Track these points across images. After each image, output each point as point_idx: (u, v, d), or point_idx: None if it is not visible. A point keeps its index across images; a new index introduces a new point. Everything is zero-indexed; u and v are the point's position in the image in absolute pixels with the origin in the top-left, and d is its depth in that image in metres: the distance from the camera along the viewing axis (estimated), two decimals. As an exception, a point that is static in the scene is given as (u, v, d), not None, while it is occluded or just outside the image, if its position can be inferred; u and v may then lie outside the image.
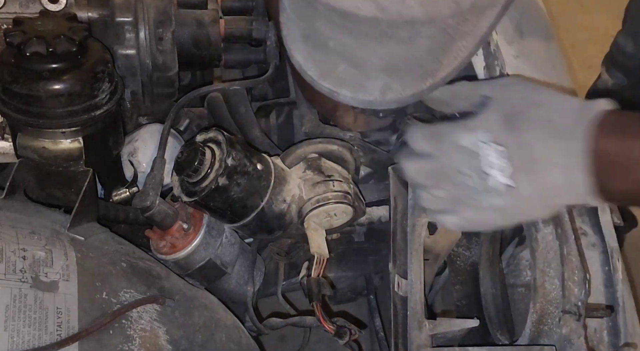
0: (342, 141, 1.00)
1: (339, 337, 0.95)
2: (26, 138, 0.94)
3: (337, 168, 0.98)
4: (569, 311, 0.85)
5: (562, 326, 0.85)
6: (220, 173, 0.87)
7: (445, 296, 1.10)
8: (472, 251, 1.05)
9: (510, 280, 1.02)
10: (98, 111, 0.94)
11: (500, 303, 0.98)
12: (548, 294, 0.86)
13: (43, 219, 0.87)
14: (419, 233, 0.88)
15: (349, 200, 0.95)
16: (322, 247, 0.96)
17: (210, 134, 0.92)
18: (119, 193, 1.06)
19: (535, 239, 0.89)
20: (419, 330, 0.83)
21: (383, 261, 1.19)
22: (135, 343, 0.79)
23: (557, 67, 1.10)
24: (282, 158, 0.98)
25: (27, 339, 0.72)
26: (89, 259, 0.83)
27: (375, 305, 1.23)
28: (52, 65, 0.89)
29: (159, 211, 0.92)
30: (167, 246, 0.96)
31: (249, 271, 1.04)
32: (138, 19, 1.03)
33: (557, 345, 0.84)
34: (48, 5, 0.99)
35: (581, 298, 0.85)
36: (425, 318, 0.84)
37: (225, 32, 1.11)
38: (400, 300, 0.90)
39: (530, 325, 0.86)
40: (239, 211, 0.92)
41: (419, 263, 0.87)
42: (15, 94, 0.90)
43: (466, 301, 1.02)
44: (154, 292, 0.86)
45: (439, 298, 1.13)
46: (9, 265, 0.76)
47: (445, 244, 0.96)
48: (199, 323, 0.89)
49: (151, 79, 1.06)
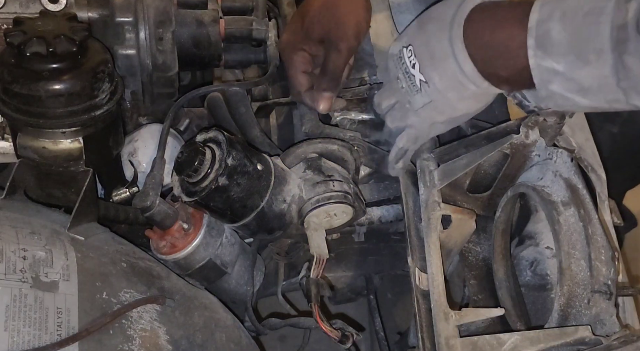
0: (342, 141, 1.00)
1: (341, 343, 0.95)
2: (26, 138, 0.94)
3: (337, 168, 0.98)
4: (599, 290, 0.84)
5: (592, 307, 0.84)
6: (221, 173, 0.87)
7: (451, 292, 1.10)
8: (482, 246, 1.05)
9: (510, 280, 1.02)
10: (98, 111, 0.94)
11: (515, 296, 0.98)
12: (575, 276, 0.85)
13: (43, 219, 0.87)
14: (434, 226, 0.89)
15: (349, 200, 0.95)
16: (322, 247, 0.96)
17: (210, 134, 0.92)
18: (119, 193, 1.06)
19: (557, 222, 0.88)
20: (445, 321, 0.83)
21: (383, 261, 1.19)
22: (136, 343, 0.79)
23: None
24: (282, 158, 0.98)
25: (27, 339, 0.72)
26: (89, 259, 0.83)
27: (375, 305, 1.22)
28: (52, 65, 0.88)
29: (159, 211, 0.92)
30: (167, 246, 0.96)
31: (249, 271, 1.04)
32: (138, 19, 1.02)
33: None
34: (48, 5, 0.99)
35: (611, 277, 0.85)
36: (450, 309, 0.84)
37: (225, 32, 1.11)
38: (422, 293, 0.89)
39: (558, 309, 0.85)
40: (239, 211, 0.92)
41: (438, 255, 0.87)
42: (15, 94, 0.90)
43: (482, 295, 1.02)
44: (154, 292, 0.86)
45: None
46: (9, 265, 0.76)
47: (459, 239, 0.97)
48: (199, 323, 0.89)
49: (151, 79, 1.06)
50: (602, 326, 0.84)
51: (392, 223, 1.10)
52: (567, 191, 0.90)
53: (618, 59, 0.67)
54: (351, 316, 1.39)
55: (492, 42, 0.76)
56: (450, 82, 0.81)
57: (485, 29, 0.77)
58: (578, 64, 0.70)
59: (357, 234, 1.11)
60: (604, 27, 0.68)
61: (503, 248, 1.01)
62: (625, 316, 0.90)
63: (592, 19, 0.69)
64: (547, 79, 0.73)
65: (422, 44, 0.83)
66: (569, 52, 0.70)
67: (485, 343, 0.82)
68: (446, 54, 0.80)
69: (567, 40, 0.70)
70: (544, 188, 0.92)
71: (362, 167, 1.04)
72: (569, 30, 0.70)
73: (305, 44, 1.01)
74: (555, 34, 0.71)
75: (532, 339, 0.82)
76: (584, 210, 0.89)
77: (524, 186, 0.95)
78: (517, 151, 0.94)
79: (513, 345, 0.81)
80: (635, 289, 0.89)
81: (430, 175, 0.93)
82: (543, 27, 0.72)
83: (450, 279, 1.09)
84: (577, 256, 0.86)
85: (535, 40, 0.73)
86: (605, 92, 0.70)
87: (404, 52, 0.86)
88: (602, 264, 0.85)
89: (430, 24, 0.83)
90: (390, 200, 1.08)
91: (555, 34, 0.71)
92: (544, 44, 0.72)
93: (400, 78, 0.87)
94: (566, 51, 0.71)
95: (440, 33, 0.81)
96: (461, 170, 0.91)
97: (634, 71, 0.67)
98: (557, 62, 0.71)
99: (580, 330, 0.82)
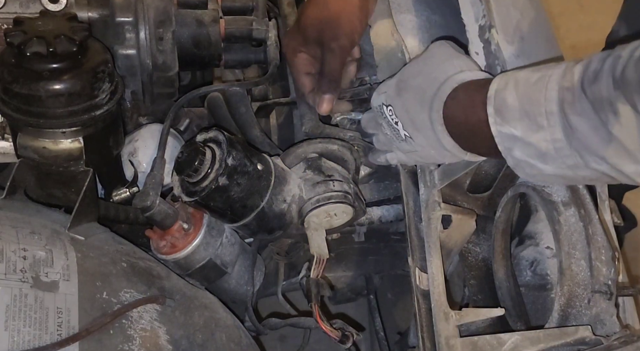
0: (342, 141, 1.00)
1: (342, 343, 0.95)
2: (26, 138, 0.94)
3: (337, 168, 0.98)
4: (599, 290, 0.84)
5: (592, 307, 0.84)
6: (221, 173, 0.87)
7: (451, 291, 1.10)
8: (481, 247, 1.05)
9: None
10: (98, 110, 0.94)
11: (515, 296, 0.98)
12: (575, 276, 0.85)
13: (43, 219, 0.87)
14: (434, 226, 0.90)
15: (349, 200, 0.95)
16: (322, 247, 0.96)
17: (210, 134, 0.92)
18: (119, 192, 1.06)
19: (558, 222, 0.88)
20: (445, 321, 0.83)
21: (383, 261, 1.19)
22: (136, 343, 0.79)
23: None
24: (282, 158, 0.98)
25: (27, 339, 0.72)
26: (89, 259, 0.83)
27: (375, 305, 1.23)
28: (52, 65, 0.88)
29: (159, 211, 0.92)
30: (168, 246, 0.96)
31: (249, 271, 1.04)
32: (138, 19, 1.02)
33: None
34: (48, 5, 0.99)
35: (611, 277, 0.85)
36: (450, 309, 0.84)
37: (225, 32, 1.11)
38: (422, 293, 0.90)
39: (559, 309, 0.85)
40: (239, 211, 0.92)
41: (438, 255, 0.88)
42: (15, 94, 0.90)
43: (482, 295, 1.02)
44: (154, 292, 0.86)
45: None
46: (9, 265, 0.76)
47: (459, 239, 0.97)
48: (199, 322, 0.89)
49: (151, 79, 1.06)
50: (603, 326, 0.84)
51: (392, 223, 1.10)
52: (567, 191, 0.90)
53: (565, 120, 0.70)
54: (351, 316, 1.39)
55: (466, 123, 0.80)
56: (433, 145, 0.85)
57: (460, 111, 0.80)
58: (532, 127, 0.72)
59: (357, 234, 1.11)
60: (552, 92, 0.71)
61: (503, 248, 1.01)
62: (625, 316, 0.90)
63: (541, 85, 0.72)
64: (509, 146, 0.76)
65: (402, 110, 0.86)
66: (523, 117, 0.73)
67: (486, 343, 0.82)
68: (427, 127, 0.83)
69: (520, 105, 0.73)
70: (544, 188, 0.92)
71: (362, 167, 1.04)
72: (521, 96, 0.73)
73: (303, 46, 1.02)
74: (510, 101, 0.74)
75: (532, 339, 0.82)
76: (584, 210, 0.89)
77: (524, 186, 0.95)
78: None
79: (513, 345, 0.81)
80: (635, 290, 0.90)
81: (431, 175, 0.94)
82: (500, 95, 0.75)
83: (450, 279, 1.09)
84: (577, 256, 0.86)
85: (494, 108, 0.75)
86: (563, 156, 0.72)
87: (384, 109, 0.89)
88: (602, 264, 0.86)
89: (410, 94, 0.86)
90: (390, 200, 1.08)
91: (510, 101, 0.74)
92: (502, 110, 0.75)
93: (385, 127, 0.90)
94: (520, 116, 0.73)
95: (420, 108, 0.84)
96: (461, 170, 0.92)
97: (580, 130, 0.69)
98: (515, 128, 0.74)
99: (581, 330, 0.82)
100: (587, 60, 0.70)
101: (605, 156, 0.68)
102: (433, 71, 0.84)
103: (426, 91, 0.83)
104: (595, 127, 0.67)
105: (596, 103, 0.67)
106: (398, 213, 1.08)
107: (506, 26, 1.02)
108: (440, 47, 0.88)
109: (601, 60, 0.68)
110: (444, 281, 0.86)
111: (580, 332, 0.82)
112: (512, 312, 0.96)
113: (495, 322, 0.93)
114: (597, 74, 0.67)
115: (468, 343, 0.82)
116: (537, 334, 0.82)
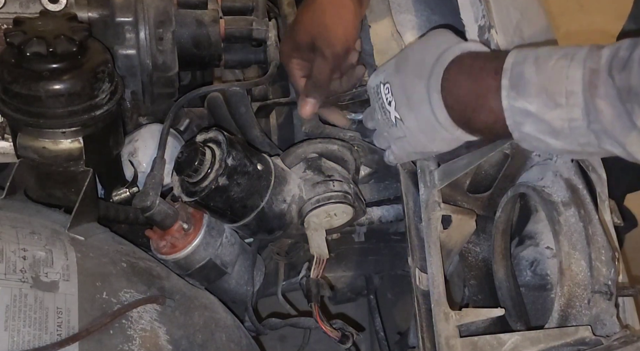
0: (342, 141, 1.00)
1: (341, 343, 0.95)
2: (26, 138, 0.94)
3: (337, 168, 0.98)
4: (599, 291, 0.84)
5: (592, 307, 0.84)
6: (221, 173, 0.87)
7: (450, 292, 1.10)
8: (481, 247, 1.05)
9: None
10: (98, 111, 0.94)
11: (515, 296, 0.98)
12: (575, 276, 0.85)
13: (43, 219, 0.87)
14: (434, 227, 0.89)
15: (349, 200, 0.95)
16: (322, 247, 0.96)
17: (210, 134, 0.92)
18: (119, 193, 1.06)
19: (558, 222, 0.88)
20: (445, 322, 0.83)
21: (383, 261, 1.19)
22: (136, 343, 0.79)
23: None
24: (282, 158, 0.98)
25: (27, 339, 0.72)
26: (89, 259, 0.83)
27: (375, 305, 1.23)
28: (52, 65, 0.88)
29: (159, 211, 0.92)
30: (167, 246, 0.96)
31: (249, 271, 1.04)
32: (138, 19, 1.02)
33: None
34: (48, 5, 0.99)
35: (611, 277, 0.85)
36: (450, 309, 0.84)
37: (225, 32, 1.11)
38: (422, 294, 0.89)
39: (558, 309, 0.85)
40: (239, 211, 0.92)
41: (438, 256, 0.87)
42: (15, 94, 0.89)
43: (482, 295, 1.02)
44: (154, 292, 0.86)
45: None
46: (9, 265, 0.76)
47: (459, 239, 0.97)
48: (199, 323, 0.89)
49: (151, 79, 1.06)
50: (603, 326, 0.84)
51: (392, 223, 1.10)
52: (567, 191, 0.90)
53: (589, 102, 0.69)
54: (351, 316, 1.39)
55: (468, 94, 0.78)
56: (424, 125, 0.83)
57: (462, 81, 0.78)
58: (549, 104, 0.71)
59: (357, 234, 1.11)
60: (576, 71, 0.70)
61: (503, 248, 1.01)
62: (625, 316, 0.90)
63: (564, 62, 0.71)
64: (520, 121, 0.74)
65: (399, 86, 0.85)
66: (540, 93, 0.72)
67: (486, 343, 0.82)
68: (422, 100, 0.82)
69: (540, 81, 0.72)
70: (544, 188, 0.92)
71: (362, 167, 1.04)
72: (541, 71, 0.72)
73: (296, 51, 1.02)
74: (528, 75, 0.73)
75: (532, 339, 0.82)
76: (584, 210, 0.89)
77: (524, 186, 0.95)
78: (517, 151, 0.94)
79: (513, 345, 0.81)
80: (635, 290, 0.90)
81: (431, 175, 0.94)
82: (517, 68, 0.74)
83: (450, 279, 1.09)
84: (577, 256, 0.86)
85: (509, 81, 0.74)
86: (577, 135, 0.71)
87: (381, 88, 0.88)
88: (602, 264, 0.86)
89: (409, 68, 0.84)
90: (390, 200, 1.08)
91: (528, 75, 0.73)
92: (517, 84, 0.73)
93: (377, 111, 0.90)
94: (538, 92, 0.72)
95: (418, 79, 0.82)
96: (461, 170, 0.91)
97: (604, 113, 0.68)
98: (530, 103, 0.73)
99: (581, 330, 0.82)
100: (614, 45, 0.69)
101: (625, 143, 0.68)
102: (435, 44, 0.83)
103: (426, 60, 0.82)
104: (619, 115, 0.67)
105: (623, 91, 0.66)
106: (398, 213, 1.08)
107: (506, 26, 1.02)
108: (440, 31, 0.87)
109: (629, 47, 0.67)
110: (444, 281, 0.86)
111: (580, 332, 0.82)
112: (512, 312, 0.96)
113: (495, 322, 0.93)
114: (626, 63, 0.66)
115: (468, 343, 0.81)
116: (537, 334, 0.82)
